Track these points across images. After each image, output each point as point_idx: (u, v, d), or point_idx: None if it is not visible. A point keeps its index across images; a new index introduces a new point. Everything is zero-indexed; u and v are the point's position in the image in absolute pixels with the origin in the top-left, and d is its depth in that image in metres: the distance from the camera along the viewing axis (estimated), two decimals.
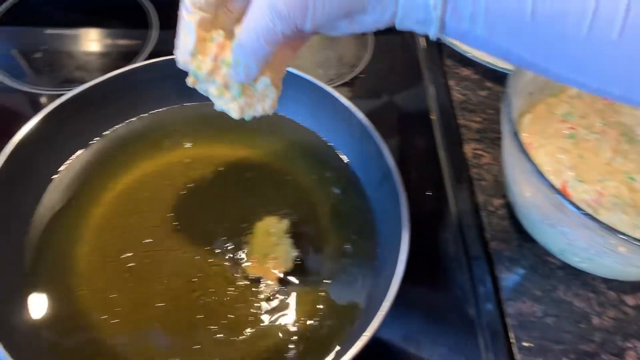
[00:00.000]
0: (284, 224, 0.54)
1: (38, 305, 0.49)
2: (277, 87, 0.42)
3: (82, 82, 0.68)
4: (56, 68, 0.73)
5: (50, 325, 0.48)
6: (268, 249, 0.52)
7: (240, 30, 0.36)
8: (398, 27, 0.34)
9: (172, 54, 0.40)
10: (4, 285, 0.48)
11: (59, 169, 0.57)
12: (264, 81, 0.40)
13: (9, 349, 0.41)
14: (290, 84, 0.55)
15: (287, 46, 0.39)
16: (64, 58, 0.74)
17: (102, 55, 0.76)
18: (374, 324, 0.43)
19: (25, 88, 0.70)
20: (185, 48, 0.38)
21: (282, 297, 0.50)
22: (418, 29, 0.34)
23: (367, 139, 0.54)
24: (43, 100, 0.69)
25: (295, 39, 0.36)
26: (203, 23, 0.38)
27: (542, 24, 0.29)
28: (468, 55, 0.73)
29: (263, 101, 0.41)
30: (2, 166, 0.50)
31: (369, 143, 0.54)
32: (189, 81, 0.41)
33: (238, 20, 0.38)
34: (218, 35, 0.39)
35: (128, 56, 0.74)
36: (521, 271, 0.57)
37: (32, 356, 0.45)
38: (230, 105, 0.41)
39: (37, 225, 0.53)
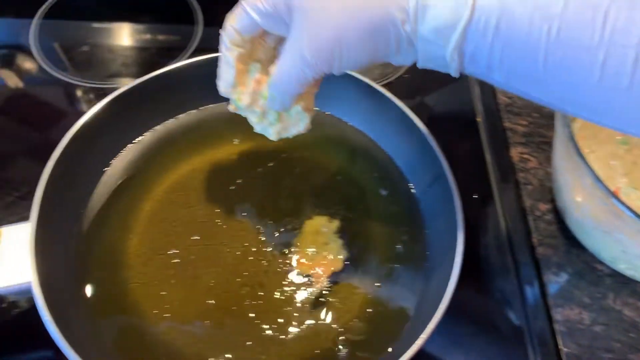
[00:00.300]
0: (334, 224, 0.54)
1: (91, 296, 0.49)
2: (310, 110, 0.46)
3: (127, 77, 0.70)
4: (100, 62, 0.74)
5: (103, 317, 0.48)
6: (318, 248, 0.52)
7: (275, 72, 0.40)
8: (421, 68, 0.38)
9: (218, 51, 0.43)
10: (58, 275, 0.48)
11: (111, 162, 0.57)
12: (297, 109, 0.46)
13: (69, 340, 0.41)
14: (341, 84, 0.55)
15: (318, 81, 0.43)
16: (107, 52, 0.75)
17: (146, 50, 0.76)
18: (429, 329, 0.43)
19: (72, 81, 0.70)
20: (226, 81, 0.44)
21: (331, 297, 0.50)
22: (440, 70, 0.37)
23: (419, 140, 0.54)
24: (89, 94, 0.70)
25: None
26: (241, 57, 0.42)
27: (554, 74, 0.31)
28: None
29: (297, 124, 0.47)
30: (57, 159, 0.50)
31: (421, 144, 0.54)
32: (231, 108, 0.46)
33: (274, 49, 0.44)
34: (255, 68, 0.44)
35: (171, 52, 0.75)
36: (569, 278, 0.57)
37: (90, 348, 0.45)
38: (268, 129, 0.47)
39: (88, 217, 0.53)
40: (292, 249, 0.53)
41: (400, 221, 0.55)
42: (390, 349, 0.47)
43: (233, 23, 0.41)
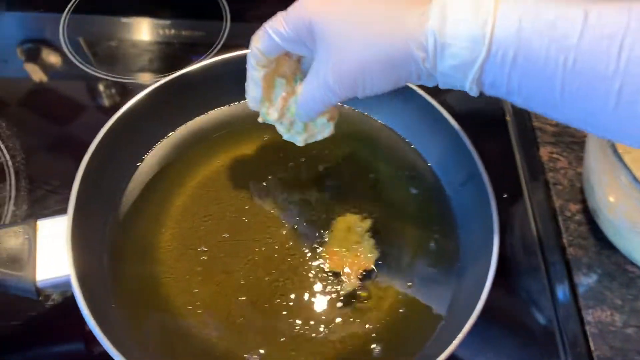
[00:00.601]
0: (366, 223, 0.53)
1: (124, 290, 0.49)
2: (333, 118, 0.50)
3: (151, 72, 0.70)
4: (125, 57, 0.74)
5: (136, 311, 0.49)
6: (349, 245, 0.52)
7: (301, 95, 0.43)
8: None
9: (246, 48, 0.45)
10: (94, 269, 0.48)
11: (144, 157, 0.57)
12: (322, 120, 0.49)
13: (107, 334, 0.42)
14: None
15: None
16: (132, 47, 0.75)
17: (170, 46, 0.76)
18: (465, 330, 0.43)
19: (97, 75, 0.71)
20: (254, 98, 0.47)
21: (362, 296, 0.50)
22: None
23: (452, 138, 0.54)
24: (112, 89, 0.70)
25: None
26: (267, 76, 0.45)
27: (571, 101, 0.32)
28: None
29: (322, 132, 0.50)
30: (92, 153, 0.50)
31: (454, 142, 0.54)
32: (260, 120, 0.50)
33: (297, 62, 0.47)
34: (280, 84, 0.47)
35: (196, 48, 0.75)
36: (600, 279, 0.56)
37: (125, 341, 0.45)
38: (295, 137, 0.50)
39: (122, 211, 0.54)
40: (323, 247, 0.53)
41: (432, 220, 0.55)
42: (423, 349, 0.47)
43: (257, 45, 0.43)
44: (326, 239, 0.53)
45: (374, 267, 0.51)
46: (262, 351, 0.47)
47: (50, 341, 0.51)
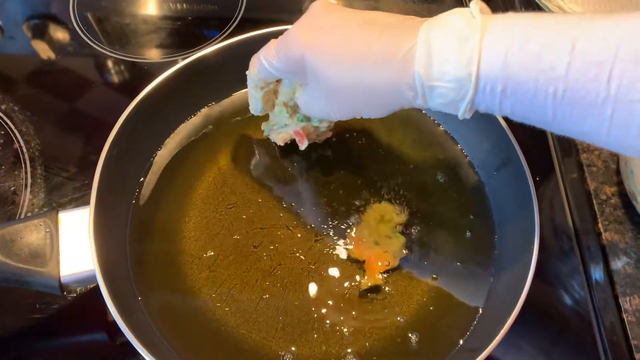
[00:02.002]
0: (401, 217, 0.51)
1: (150, 282, 0.48)
2: (332, 122, 0.52)
3: (162, 48, 0.67)
4: (137, 33, 0.71)
5: (162, 304, 0.47)
6: (379, 238, 0.50)
7: (302, 110, 0.46)
8: None
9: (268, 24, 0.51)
10: (117, 262, 0.47)
11: (164, 143, 0.55)
12: (324, 124, 0.51)
13: (131, 327, 0.40)
14: None
15: None
16: (145, 23, 0.72)
17: (182, 20, 0.73)
18: (509, 322, 0.41)
19: (106, 52, 0.68)
20: (255, 110, 0.50)
21: (394, 289, 0.49)
22: None
23: (488, 123, 0.51)
24: (128, 66, 0.67)
25: None
26: (266, 94, 0.48)
27: (564, 125, 0.32)
28: None
29: (324, 134, 0.54)
30: (111, 142, 0.48)
31: (490, 127, 0.51)
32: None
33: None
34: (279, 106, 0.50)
35: (208, 22, 0.72)
36: (637, 265, 0.54)
37: (151, 336, 0.44)
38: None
39: (143, 200, 0.52)
40: (352, 231, 0.51)
41: (467, 209, 0.53)
42: (462, 342, 0.46)
43: (253, 72, 0.45)
44: (357, 227, 0.51)
45: (400, 263, 0.49)
46: (293, 348, 0.45)
47: (73, 332, 0.50)
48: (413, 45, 0.34)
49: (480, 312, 0.47)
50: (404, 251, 0.50)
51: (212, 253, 0.50)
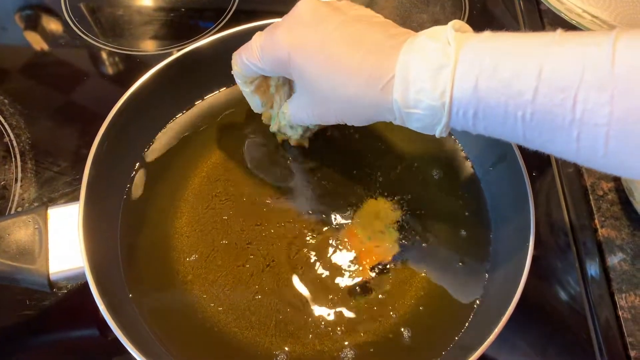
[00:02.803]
0: (396, 214, 0.51)
1: (140, 279, 0.47)
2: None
3: (155, 39, 0.66)
4: (131, 25, 0.70)
5: (153, 301, 0.47)
6: (372, 233, 0.49)
7: (289, 113, 0.47)
8: None
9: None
10: (107, 259, 0.46)
11: (155, 138, 0.54)
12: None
13: (121, 325, 0.40)
14: None
15: None
16: (139, 14, 0.71)
17: (176, 11, 0.72)
18: (504, 318, 0.41)
19: (98, 44, 0.67)
20: (255, 106, 0.49)
21: (377, 286, 0.48)
22: None
23: None
24: (114, 57, 0.66)
25: None
26: (258, 87, 0.47)
27: (535, 145, 0.34)
28: (573, 22, 0.67)
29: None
30: (101, 137, 0.47)
31: None
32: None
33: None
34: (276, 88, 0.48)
35: (203, 13, 0.71)
36: (633, 262, 0.54)
37: (141, 332, 0.44)
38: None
39: (135, 196, 0.51)
40: (346, 226, 0.50)
41: (462, 205, 0.52)
42: (456, 338, 0.45)
43: (238, 71, 0.45)
44: (352, 221, 0.51)
45: (392, 261, 0.49)
46: (286, 348, 0.45)
47: (64, 328, 0.50)
48: (392, 76, 0.36)
49: (475, 308, 0.47)
50: (398, 247, 0.49)
51: (204, 250, 0.49)
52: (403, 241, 0.50)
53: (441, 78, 0.33)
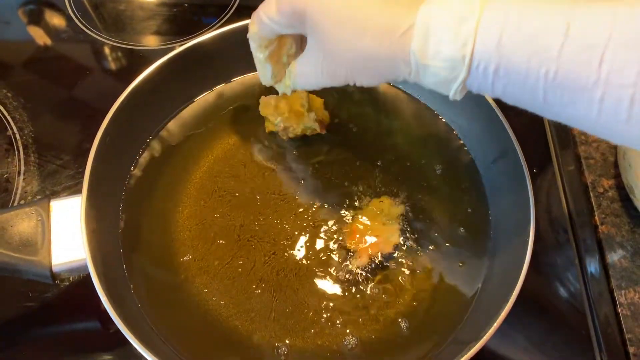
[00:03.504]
0: (399, 208, 0.51)
1: (142, 271, 0.48)
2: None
3: (162, 36, 0.66)
4: (133, 20, 0.70)
5: (155, 294, 0.47)
6: (373, 226, 0.50)
7: (297, 74, 0.44)
8: None
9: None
10: (109, 251, 0.46)
11: (157, 132, 0.55)
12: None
13: (122, 316, 0.40)
14: None
15: None
16: (141, 9, 0.71)
17: (178, 6, 0.72)
18: (503, 314, 0.41)
19: (101, 39, 0.68)
20: (265, 77, 0.47)
21: (389, 278, 0.49)
22: None
23: (486, 113, 0.51)
24: (117, 52, 0.67)
25: None
26: (272, 55, 0.45)
27: (554, 108, 0.32)
28: None
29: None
30: (103, 131, 0.47)
31: (487, 119, 0.51)
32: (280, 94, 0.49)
33: (301, 38, 0.45)
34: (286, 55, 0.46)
35: (206, 9, 0.71)
36: (633, 259, 0.54)
37: (142, 324, 0.44)
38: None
39: (136, 189, 0.51)
40: (348, 224, 0.51)
41: (463, 200, 0.53)
42: (455, 333, 0.46)
43: (254, 30, 0.43)
44: (353, 213, 0.51)
45: (393, 251, 0.49)
46: (287, 341, 0.45)
47: (66, 320, 0.50)
48: (412, 24, 0.34)
49: (474, 303, 0.47)
50: (399, 240, 0.49)
51: (205, 243, 0.49)
52: (404, 235, 0.50)
53: (464, 29, 0.32)
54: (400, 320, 0.46)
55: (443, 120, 0.57)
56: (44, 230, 0.43)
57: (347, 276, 0.48)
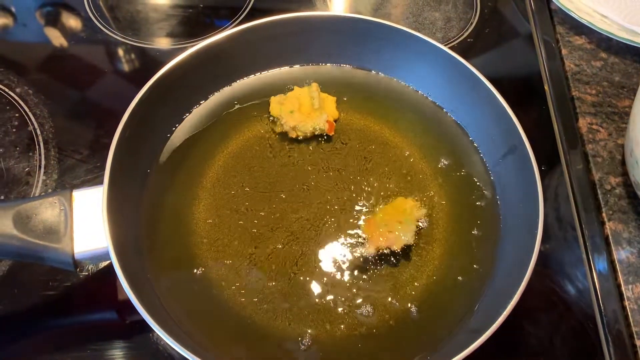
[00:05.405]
0: (420, 211, 0.52)
1: (160, 261, 0.49)
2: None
3: (176, 37, 0.68)
4: (148, 21, 0.72)
5: (172, 283, 0.48)
6: (390, 222, 0.51)
7: None
8: None
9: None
10: (130, 241, 0.47)
11: (175, 126, 0.56)
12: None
13: (143, 304, 0.41)
14: (411, 48, 0.53)
15: None
16: (155, 11, 0.73)
17: (193, 9, 0.74)
18: (510, 305, 0.42)
19: (118, 39, 0.69)
20: None
21: (400, 267, 0.50)
22: None
23: (496, 110, 0.52)
24: (139, 53, 0.68)
25: None
26: None
27: None
28: (583, 21, 0.69)
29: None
30: (124, 124, 0.49)
31: (497, 115, 0.52)
32: None
33: None
34: None
35: (218, 11, 0.73)
36: None
37: (162, 313, 0.45)
38: None
39: (155, 182, 0.53)
40: (365, 219, 0.52)
41: (472, 195, 0.54)
42: (462, 324, 0.46)
43: None
44: (370, 210, 0.53)
45: (405, 249, 0.50)
46: (309, 331, 0.46)
47: (84, 309, 0.51)
48: None
49: (482, 298, 0.48)
50: (411, 241, 0.50)
51: (222, 235, 0.51)
52: (418, 228, 0.51)
53: None
54: (410, 309, 0.48)
55: (453, 118, 0.59)
56: (67, 219, 0.44)
57: (364, 268, 0.49)
